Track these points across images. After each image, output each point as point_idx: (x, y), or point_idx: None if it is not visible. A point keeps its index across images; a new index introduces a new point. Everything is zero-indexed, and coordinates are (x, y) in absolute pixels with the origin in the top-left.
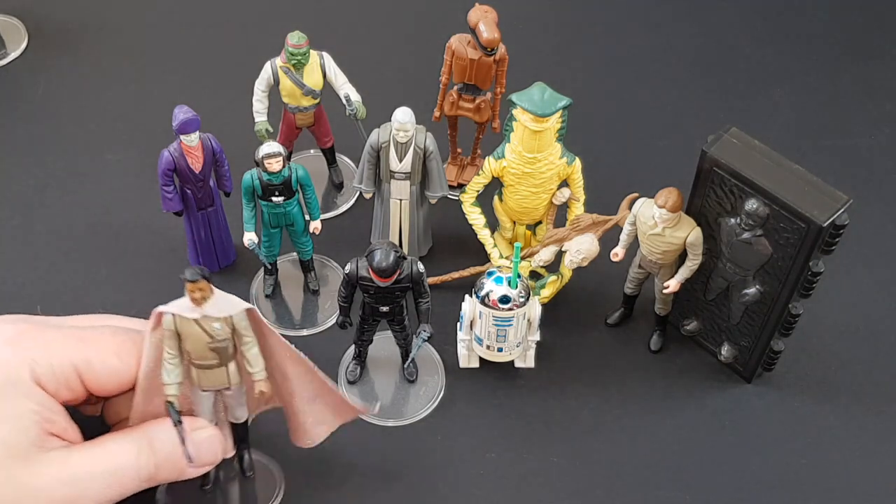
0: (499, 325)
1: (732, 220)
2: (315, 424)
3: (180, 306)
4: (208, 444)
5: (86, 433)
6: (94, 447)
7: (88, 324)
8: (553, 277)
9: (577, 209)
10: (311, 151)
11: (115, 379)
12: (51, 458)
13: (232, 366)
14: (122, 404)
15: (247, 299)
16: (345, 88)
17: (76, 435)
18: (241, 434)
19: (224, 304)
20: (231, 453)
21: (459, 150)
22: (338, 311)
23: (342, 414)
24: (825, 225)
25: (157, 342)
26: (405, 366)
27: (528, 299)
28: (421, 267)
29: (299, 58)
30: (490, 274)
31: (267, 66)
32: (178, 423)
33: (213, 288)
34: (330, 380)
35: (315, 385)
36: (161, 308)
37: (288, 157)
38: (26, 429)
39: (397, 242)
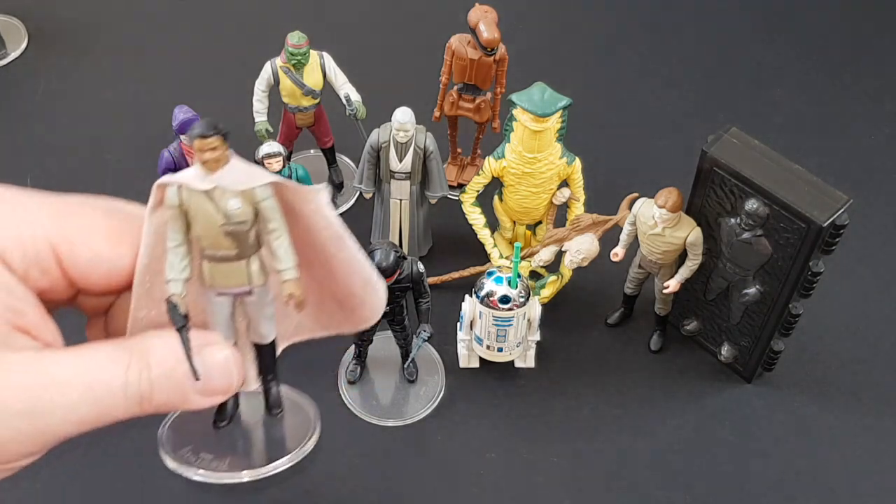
0: (499, 325)
1: (732, 220)
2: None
3: (188, 176)
4: (221, 365)
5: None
6: (72, 352)
7: (82, 199)
8: (553, 277)
9: (577, 209)
10: (311, 151)
11: (102, 267)
12: (13, 360)
13: (255, 262)
14: (125, 314)
15: None
16: (345, 88)
17: (53, 336)
18: (267, 361)
19: (244, 175)
20: (253, 386)
21: (459, 150)
22: None
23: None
24: (825, 225)
25: (160, 227)
26: (405, 366)
27: (528, 299)
28: (421, 267)
29: (299, 58)
30: (490, 274)
31: (267, 66)
32: (182, 327)
33: (232, 153)
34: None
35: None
36: (164, 178)
37: (288, 157)
38: None
39: (397, 242)
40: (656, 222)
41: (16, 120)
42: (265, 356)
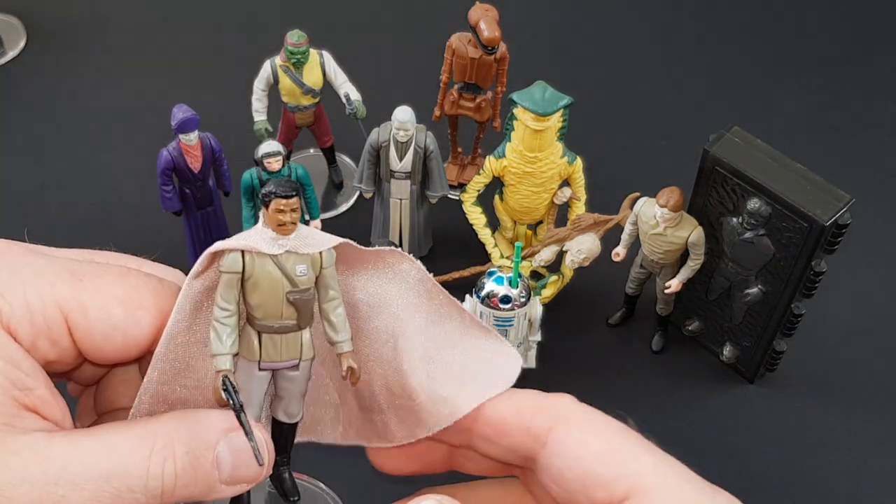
0: (499, 325)
1: (734, 220)
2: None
3: (253, 240)
4: (250, 451)
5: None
6: (89, 437)
7: (89, 258)
8: (554, 277)
9: (579, 209)
10: (311, 151)
11: (117, 338)
12: (21, 445)
13: (307, 333)
14: (120, 385)
15: None
16: (345, 87)
17: (63, 413)
18: (287, 443)
19: (312, 238)
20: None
21: (460, 150)
22: None
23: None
24: (827, 224)
25: (199, 295)
26: None
27: (528, 299)
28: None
29: (299, 56)
30: (491, 274)
31: (266, 65)
32: (239, 408)
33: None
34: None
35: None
36: (222, 244)
37: (287, 157)
38: None
39: (397, 242)
40: (658, 222)
41: (14, 119)
42: (288, 437)
